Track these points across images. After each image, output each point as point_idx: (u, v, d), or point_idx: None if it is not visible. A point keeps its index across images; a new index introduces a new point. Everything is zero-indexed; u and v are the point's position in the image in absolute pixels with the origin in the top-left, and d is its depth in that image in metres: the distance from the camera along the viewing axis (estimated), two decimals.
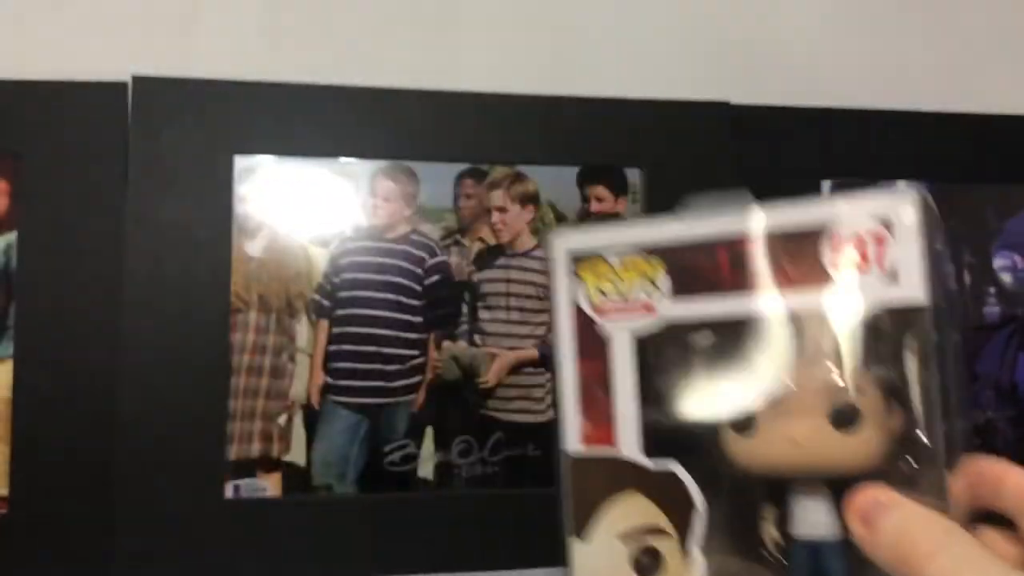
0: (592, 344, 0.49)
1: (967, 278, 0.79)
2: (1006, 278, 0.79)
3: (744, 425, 0.46)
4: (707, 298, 0.47)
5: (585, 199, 0.76)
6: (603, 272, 0.49)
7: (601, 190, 0.76)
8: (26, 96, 0.70)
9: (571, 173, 0.76)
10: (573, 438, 0.50)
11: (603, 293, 0.49)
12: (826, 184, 0.78)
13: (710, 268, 0.47)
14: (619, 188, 0.76)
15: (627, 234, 0.49)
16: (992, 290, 0.79)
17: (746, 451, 0.46)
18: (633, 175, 0.77)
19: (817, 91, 0.81)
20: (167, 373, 0.69)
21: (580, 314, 0.49)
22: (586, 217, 0.76)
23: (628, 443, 0.48)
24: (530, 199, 0.76)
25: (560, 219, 0.76)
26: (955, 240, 0.80)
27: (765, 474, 0.47)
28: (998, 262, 0.79)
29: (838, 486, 0.44)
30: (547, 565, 0.72)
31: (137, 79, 0.71)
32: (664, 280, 0.48)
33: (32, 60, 0.71)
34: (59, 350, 0.68)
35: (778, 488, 0.47)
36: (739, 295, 0.46)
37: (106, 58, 0.72)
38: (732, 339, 0.47)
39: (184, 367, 0.69)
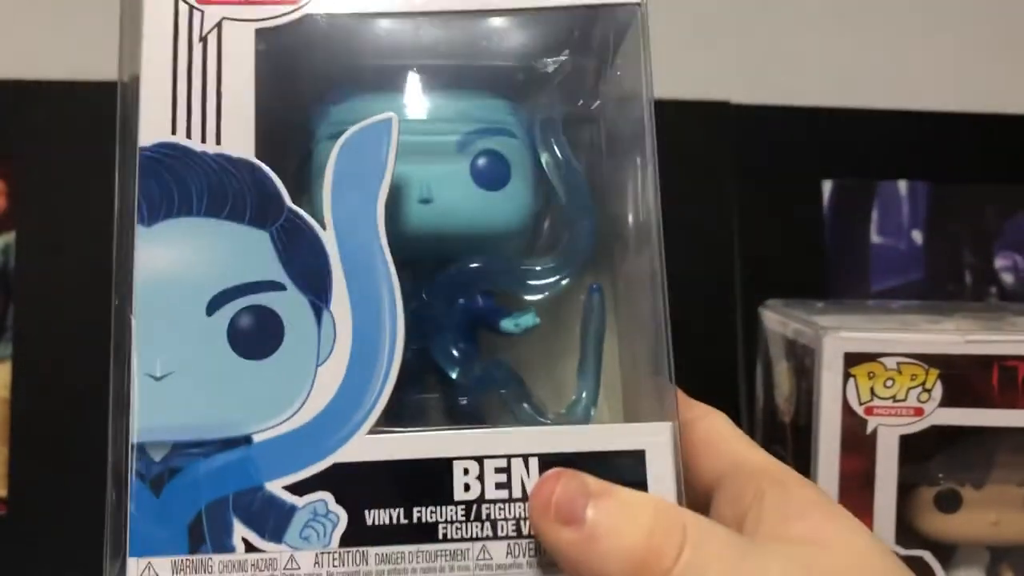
0: (856, 441, 0.51)
1: (968, 278, 0.79)
2: (1007, 278, 0.79)
3: (951, 506, 0.54)
4: (975, 409, 0.52)
5: None
6: (878, 374, 0.51)
7: None
8: (24, 96, 0.70)
9: None
10: None
11: (874, 394, 0.52)
12: (827, 184, 0.78)
13: (982, 382, 0.51)
14: None
15: (906, 342, 0.52)
16: (993, 290, 0.78)
17: (945, 526, 0.55)
18: None
19: (818, 91, 0.81)
20: None
21: (848, 412, 0.51)
22: None
23: (884, 536, 0.51)
24: None
25: None
26: (956, 240, 0.79)
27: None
28: (999, 262, 0.79)
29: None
30: None
31: (136, 79, 0.71)
32: (938, 388, 0.51)
33: (30, 60, 0.72)
34: (58, 351, 0.68)
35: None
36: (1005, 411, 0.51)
37: (104, 58, 0.72)
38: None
39: None
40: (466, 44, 0.42)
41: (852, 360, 0.51)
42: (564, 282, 0.43)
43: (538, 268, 0.42)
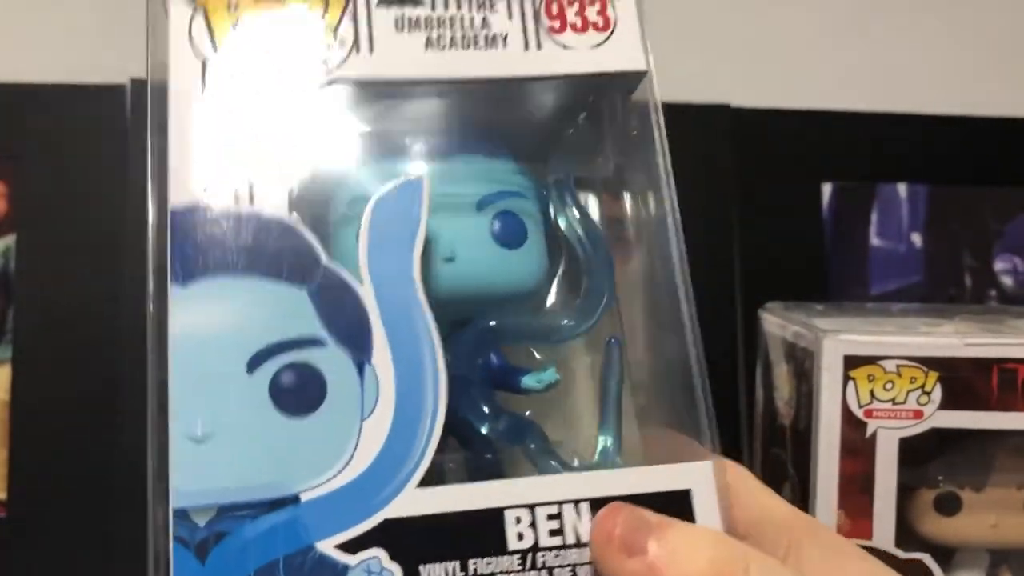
0: (856, 444, 0.52)
1: (968, 281, 0.79)
2: (1007, 281, 0.79)
3: (951, 509, 0.55)
4: (974, 412, 0.52)
5: None
6: (877, 377, 0.52)
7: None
8: (25, 99, 0.70)
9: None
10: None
11: (874, 396, 0.52)
12: (826, 187, 0.78)
13: (982, 385, 0.51)
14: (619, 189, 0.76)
15: (906, 345, 0.52)
16: (993, 293, 0.79)
17: (945, 529, 0.55)
18: None
19: (818, 93, 0.81)
20: (167, 375, 0.69)
21: (847, 415, 0.51)
22: None
23: (884, 539, 0.51)
24: None
25: None
26: (956, 243, 0.79)
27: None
28: (999, 265, 0.79)
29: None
30: None
31: (136, 82, 0.71)
32: (937, 391, 0.51)
33: (30, 63, 0.72)
34: (58, 353, 0.68)
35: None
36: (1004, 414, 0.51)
37: (104, 61, 0.72)
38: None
39: None
40: (483, 109, 0.44)
41: (852, 363, 0.51)
42: (582, 336, 0.44)
43: (556, 323, 0.43)
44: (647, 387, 0.45)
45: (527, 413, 0.43)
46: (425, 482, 0.37)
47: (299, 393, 0.37)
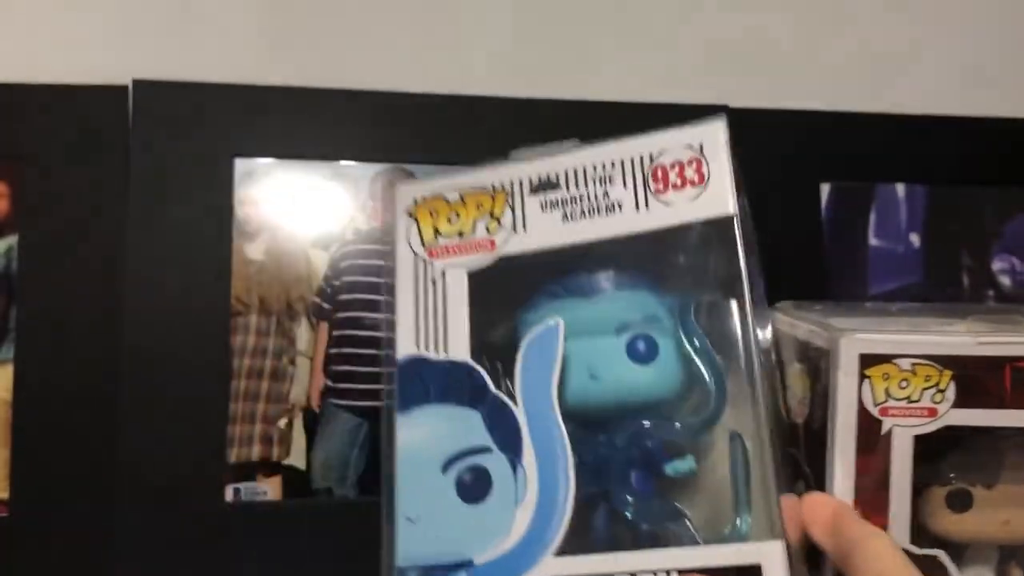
0: (871, 442, 0.53)
1: (966, 281, 0.79)
2: (1005, 281, 0.80)
3: (962, 506, 0.56)
4: (987, 410, 0.53)
5: None
6: (892, 375, 0.53)
7: None
8: (27, 99, 0.70)
9: None
10: None
11: (889, 395, 0.53)
12: (825, 187, 0.79)
13: (994, 383, 0.53)
14: None
15: (921, 343, 0.53)
16: (991, 293, 0.79)
17: (957, 525, 0.56)
18: None
19: (815, 94, 0.81)
20: (167, 376, 0.69)
21: (863, 413, 0.53)
22: None
23: (899, 535, 0.52)
24: None
25: None
26: (954, 243, 0.80)
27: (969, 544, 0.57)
28: (996, 265, 0.80)
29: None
30: None
31: (138, 82, 0.71)
32: (951, 389, 0.52)
33: (33, 63, 0.72)
34: (60, 353, 0.68)
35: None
36: (1017, 411, 0.53)
37: (107, 61, 0.72)
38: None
39: (184, 370, 0.69)
40: (616, 253, 0.55)
41: (867, 362, 0.52)
42: (707, 433, 0.53)
43: (687, 423, 0.53)
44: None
45: (673, 491, 0.53)
46: (562, 552, 0.50)
47: (475, 487, 0.53)
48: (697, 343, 0.54)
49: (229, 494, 0.70)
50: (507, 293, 0.56)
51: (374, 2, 0.78)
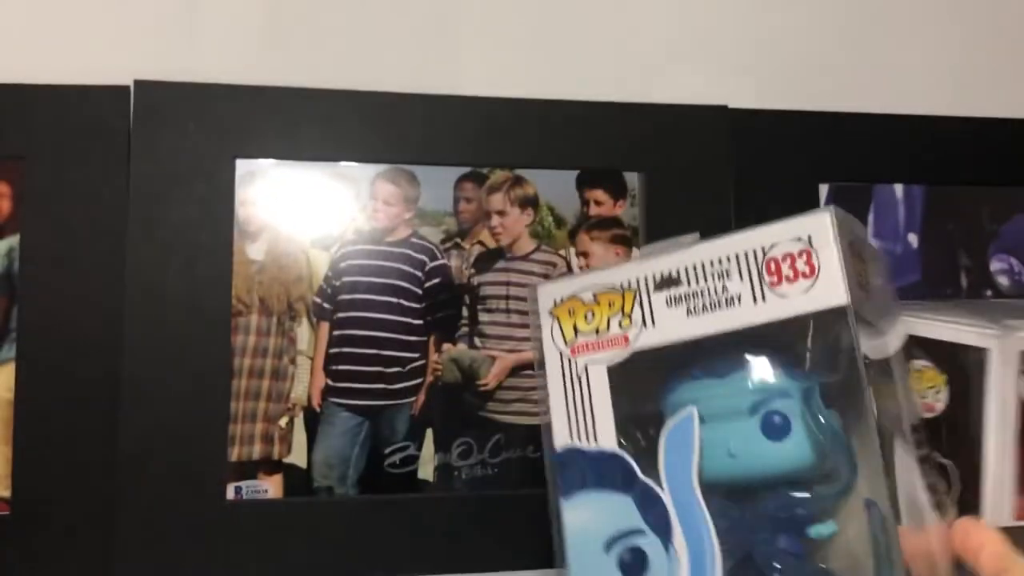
0: None
1: (964, 281, 0.79)
2: (1003, 281, 0.80)
3: None
4: None
5: (584, 203, 0.76)
6: None
7: (600, 194, 0.77)
8: (29, 100, 0.70)
9: (570, 177, 0.76)
10: (1007, 512, 0.59)
11: None
12: (823, 187, 0.79)
13: None
14: (618, 192, 0.77)
15: None
16: (989, 293, 0.79)
17: None
18: (632, 179, 0.77)
19: (815, 95, 0.82)
20: (169, 375, 0.69)
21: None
22: (585, 220, 0.76)
23: None
24: (529, 203, 0.76)
25: (559, 223, 0.76)
26: (952, 243, 0.80)
27: None
28: (995, 265, 0.80)
29: None
30: (546, 567, 0.72)
31: (139, 83, 0.71)
32: None
33: (35, 64, 0.72)
34: (61, 353, 0.69)
35: None
36: None
37: (108, 62, 0.73)
38: None
39: (186, 369, 0.69)
40: (745, 335, 0.57)
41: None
42: (843, 501, 0.56)
43: (823, 492, 0.56)
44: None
45: (817, 553, 0.56)
46: None
47: (634, 565, 0.57)
48: (823, 419, 0.56)
49: (230, 492, 0.70)
50: (645, 381, 0.60)
51: (374, 2, 0.78)
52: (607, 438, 0.59)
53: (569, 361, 0.61)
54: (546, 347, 0.62)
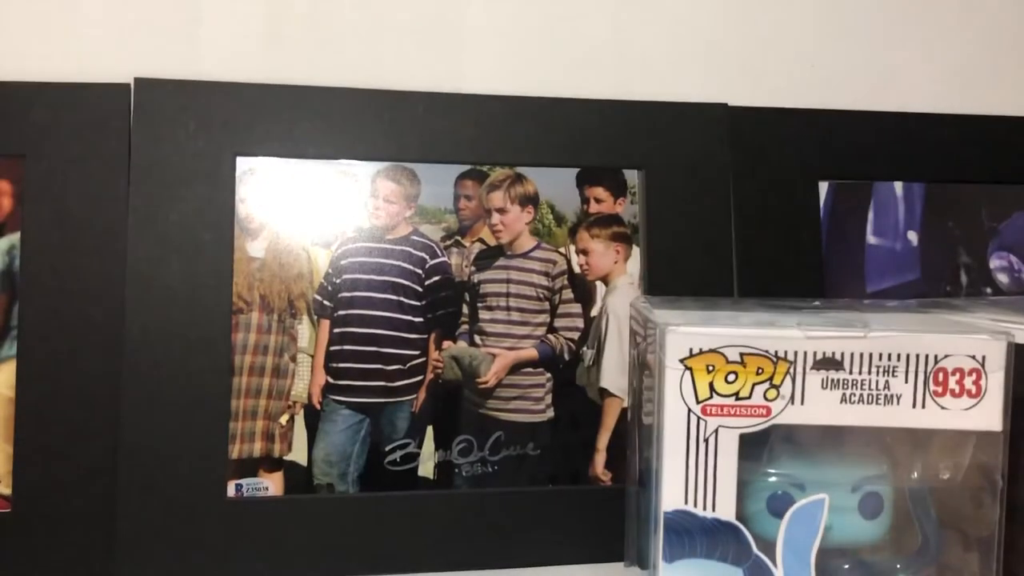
0: None
1: (963, 278, 0.80)
2: (1002, 278, 0.80)
3: None
4: None
5: (584, 200, 0.76)
6: None
7: (600, 191, 0.77)
8: (29, 98, 0.70)
9: (570, 174, 0.76)
10: None
11: None
12: (823, 185, 0.79)
13: None
14: (618, 189, 0.77)
15: None
16: (988, 291, 0.79)
17: None
18: (632, 176, 0.77)
19: (814, 93, 0.82)
20: (169, 373, 0.69)
21: None
22: (585, 218, 0.76)
23: None
24: (529, 200, 0.76)
25: (559, 220, 0.76)
26: (951, 241, 0.80)
27: None
28: (994, 263, 0.80)
29: None
30: (547, 563, 0.73)
31: (140, 81, 0.71)
32: None
33: (35, 62, 0.72)
34: (62, 350, 0.69)
35: None
36: None
37: (109, 60, 0.73)
38: None
39: (186, 367, 0.70)
40: (888, 434, 0.60)
41: None
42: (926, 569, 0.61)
43: (902, 562, 0.61)
44: None
45: None
46: None
47: None
48: (920, 513, 0.61)
49: (231, 489, 0.70)
50: (767, 450, 0.61)
51: (374, 2, 0.78)
52: (726, 507, 0.58)
53: (698, 420, 0.58)
54: (669, 397, 0.58)
